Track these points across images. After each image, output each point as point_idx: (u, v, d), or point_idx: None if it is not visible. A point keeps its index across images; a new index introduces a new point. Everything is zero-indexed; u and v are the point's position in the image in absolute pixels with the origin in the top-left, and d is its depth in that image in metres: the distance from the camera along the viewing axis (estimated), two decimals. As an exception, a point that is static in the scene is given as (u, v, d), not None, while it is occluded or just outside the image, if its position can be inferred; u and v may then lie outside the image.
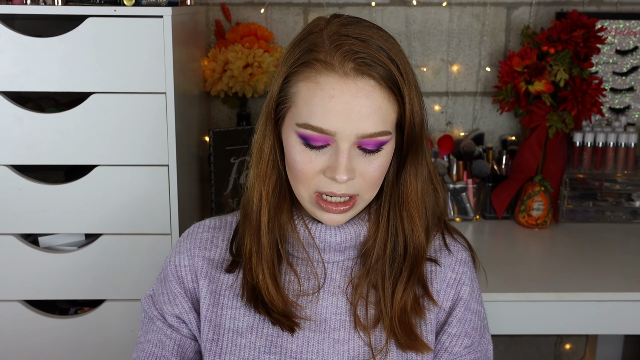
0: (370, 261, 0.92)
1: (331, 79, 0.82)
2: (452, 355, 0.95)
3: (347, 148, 0.83)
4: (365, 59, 0.82)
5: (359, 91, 0.82)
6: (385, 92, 0.83)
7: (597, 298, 1.40)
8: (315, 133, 0.83)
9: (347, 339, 0.92)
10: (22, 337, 1.43)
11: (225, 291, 0.96)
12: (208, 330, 0.95)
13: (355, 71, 0.82)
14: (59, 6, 1.31)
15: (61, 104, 1.53)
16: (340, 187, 0.85)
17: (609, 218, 1.82)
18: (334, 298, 0.94)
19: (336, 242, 0.93)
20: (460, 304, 0.96)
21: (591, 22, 1.70)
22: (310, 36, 0.86)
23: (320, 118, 0.82)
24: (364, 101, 0.82)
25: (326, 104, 0.82)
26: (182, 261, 0.99)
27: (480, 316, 0.98)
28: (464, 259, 0.98)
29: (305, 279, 0.94)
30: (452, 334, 0.95)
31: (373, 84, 0.82)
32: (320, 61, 0.83)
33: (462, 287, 0.96)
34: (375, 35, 0.85)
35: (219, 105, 1.90)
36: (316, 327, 0.93)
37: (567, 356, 2.13)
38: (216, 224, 1.02)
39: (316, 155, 0.85)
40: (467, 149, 1.85)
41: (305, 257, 0.94)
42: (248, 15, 1.85)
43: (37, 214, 1.38)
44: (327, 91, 0.82)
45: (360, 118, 0.82)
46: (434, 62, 1.91)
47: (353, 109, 0.82)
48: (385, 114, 0.84)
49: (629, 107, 1.91)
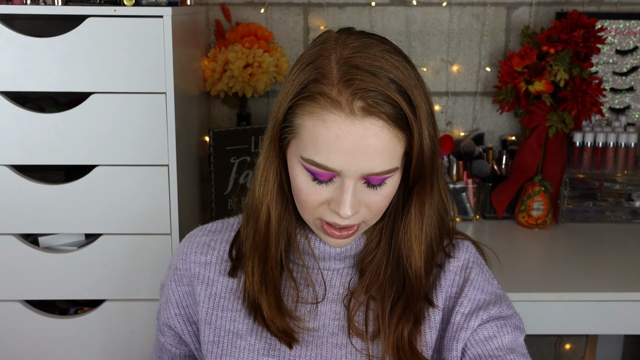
0: (370, 277, 0.91)
1: (338, 118, 0.78)
2: (469, 330, 0.90)
3: (353, 184, 0.82)
4: (375, 98, 0.78)
5: (367, 131, 0.78)
6: (393, 131, 0.80)
7: (597, 298, 1.40)
8: (320, 170, 0.81)
9: (345, 344, 0.92)
10: (22, 337, 1.43)
11: (225, 294, 0.96)
12: (209, 332, 0.95)
13: (364, 111, 0.78)
14: (59, 6, 1.31)
15: (61, 104, 1.53)
16: (344, 220, 0.84)
17: (609, 218, 1.82)
18: (333, 305, 0.94)
19: (335, 252, 0.93)
20: (467, 284, 0.93)
21: (591, 22, 1.70)
22: (319, 60, 0.82)
23: (326, 157, 0.80)
24: (372, 141, 0.79)
25: (332, 143, 0.79)
26: (178, 264, 1.00)
27: (498, 296, 0.94)
28: (467, 245, 0.97)
29: (304, 286, 0.94)
30: (464, 313, 0.91)
31: (381, 124, 0.79)
32: (327, 97, 0.79)
33: (468, 270, 0.94)
34: (386, 64, 0.80)
35: (219, 105, 1.90)
36: (315, 331, 0.93)
37: (567, 356, 2.13)
38: (217, 227, 1.01)
39: (321, 188, 0.83)
40: (467, 149, 1.85)
41: (303, 265, 0.94)
42: (248, 15, 1.85)
43: (37, 214, 1.38)
44: (334, 130, 0.79)
45: (366, 158, 0.79)
46: (434, 62, 1.91)
47: (360, 149, 0.79)
48: (392, 151, 0.81)
49: (629, 107, 1.91)
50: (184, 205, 1.43)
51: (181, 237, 1.39)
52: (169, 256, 1.40)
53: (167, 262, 1.40)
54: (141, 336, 1.44)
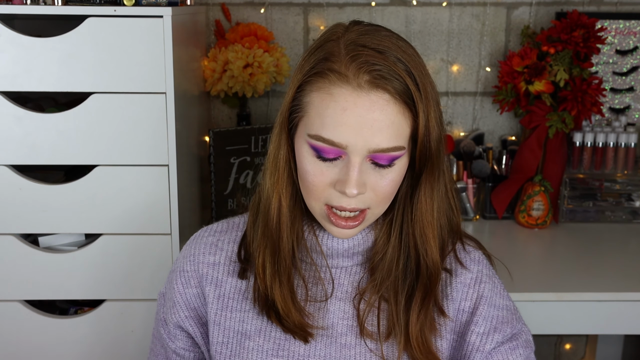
0: (381, 275, 0.91)
1: (345, 91, 0.80)
2: (484, 353, 0.91)
3: (359, 162, 0.81)
4: (382, 72, 0.79)
5: (373, 105, 0.79)
6: (400, 107, 0.81)
7: (597, 298, 1.40)
8: (327, 145, 0.81)
9: (354, 345, 0.92)
10: (22, 337, 1.43)
11: (234, 294, 0.95)
12: (218, 333, 0.95)
13: (370, 84, 0.79)
14: (59, 6, 1.31)
15: (61, 104, 1.53)
16: (350, 201, 0.83)
17: (609, 218, 1.82)
18: (341, 304, 0.93)
19: (343, 248, 0.93)
20: (482, 302, 0.93)
21: (591, 22, 1.70)
22: (327, 44, 0.84)
23: (332, 130, 0.80)
24: (378, 115, 0.79)
25: (339, 116, 0.80)
26: (185, 266, 0.99)
27: (509, 310, 0.95)
28: (478, 257, 0.97)
29: (313, 284, 0.94)
30: (480, 332, 0.92)
31: (388, 97, 0.80)
32: (335, 72, 0.80)
33: (481, 285, 0.94)
34: (393, 46, 0.82)
35: (219, 105, 1.90)
36: (324, 331, 0.93)
37: (567, 356, 2.13)
38: (223, 228, 1.01)
39: (327, 168, 0.83)
40: (467, 149, 1.85)
41: (312, 263, 0.94)
42: (248, 15, 1.85)
43: (37, 214, 1.38)
44: (340, 103, 0.80)
45: (373, 132, 0.80)
46: (434, 62, 1.91)
47: (366, 122, 0.79)
48: (399, 128, 0.81)
49: (629, 107, 1.91)
50: (184, 205, 1.43)
51: (181, 237, 1.40)
52: (169, 256, 1.40)
53: (167, 262, 1.40)
54: (141, 336, 1.44)
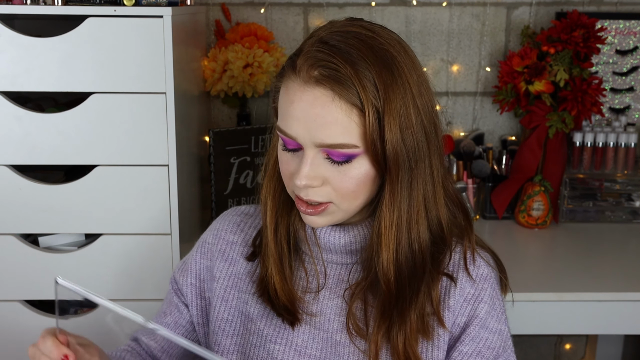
0: (369, 274, 0.90)
1: (295, 85, 0.82)
2: None
3: (311, 155, 0.83)
4: (331, 70, 0.79)
5: (316, 100, 0.80)
6: (346, 106, 0.80)
7: (597, 298, 1.40)
8: (285, 136, 0.84)
9: (348, 342, 0.92)
10: (22, 337, 1.43)
11: (244, 275, 0.99)
12: (224, 310, 0.98)
13: (316, 80, 0.80)
14: (59, 6, 1.32)
15: (61, 104, 1.53)
16: (306, 192, 0.84)
17: (609, 218, 1.82)
18: (338, 299, 0.94)
19: (340, 244, 0.93)
20: (475, 322, 0.91)
21: (591, 22, 1.70)
22: (307, 40, 0.86)
23: (284, 122, 0.84)
24: (319, 110, 0.80)
25: (288, 108, 0.83)
26: (208, 238, 1.04)
27: (501, 335, 0.93)
28: (486, 275, 0.93)
29: (312, 276, 0.95)
30: (463, 352, 0.90)
31: (331, 95, 0.80)
32: (294, 66, 0.83)
33: (480, 305, 0.92)
34: (362, 47, 0.81)
35: (219, 105, 1.90)
36: (321, 325, 0.93)
37: (567, 356, 2.13)
38: (250, 211, 1.05)
39: (291, 158, 0.86)
40: (467, 149, 1.85)
41: (311, 255, 0.95)
42: (248, 15, 1.85)
43: (37, 214, 1.38)
44: (290, 96, 0.83)
45: (316, 127, 0.81)
46: (434, 62, 1.91)
47: (309, 117, 0.81)
48: (346, 126, 0.80)
49: (629, 107, 1.91)
50: (184, 205, 1.43)
51: (181, 237, 1.40)
52: (169, 256, 1.40)
53: (167, 262, 1.40)
54: (141, 336, 1.44)
